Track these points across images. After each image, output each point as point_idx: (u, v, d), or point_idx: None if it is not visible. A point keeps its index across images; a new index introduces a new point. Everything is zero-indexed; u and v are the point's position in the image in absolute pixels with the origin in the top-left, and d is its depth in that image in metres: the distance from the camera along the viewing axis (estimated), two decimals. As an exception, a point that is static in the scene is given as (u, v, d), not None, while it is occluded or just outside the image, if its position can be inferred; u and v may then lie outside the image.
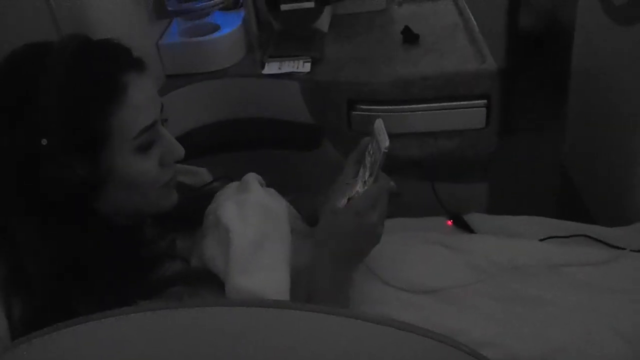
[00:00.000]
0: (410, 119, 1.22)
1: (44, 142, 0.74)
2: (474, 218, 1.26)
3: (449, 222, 1.27)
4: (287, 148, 1.34)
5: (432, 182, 1.29)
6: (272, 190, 1.06)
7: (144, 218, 0.92)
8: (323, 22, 1.48)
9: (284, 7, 1.39)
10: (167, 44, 1.39)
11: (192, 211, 0.96)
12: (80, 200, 0.79)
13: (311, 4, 1.38)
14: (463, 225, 1.25)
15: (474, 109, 1.22)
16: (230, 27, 1.42)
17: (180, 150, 0.87)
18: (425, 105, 1.22)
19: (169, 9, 1.38)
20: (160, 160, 0.85)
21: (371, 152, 0.88)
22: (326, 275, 0.86)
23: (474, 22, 1.38)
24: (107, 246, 0.82)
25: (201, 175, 1.09)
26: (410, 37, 1.37)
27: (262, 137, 1.34)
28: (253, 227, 0.89)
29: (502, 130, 2.12)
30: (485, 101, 1.22)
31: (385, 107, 1.22)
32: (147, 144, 0.82)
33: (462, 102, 1.22)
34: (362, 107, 1.23)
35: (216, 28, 1.43)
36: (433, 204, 1.31)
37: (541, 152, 1.96)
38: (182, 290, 0.83)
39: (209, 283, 0.86)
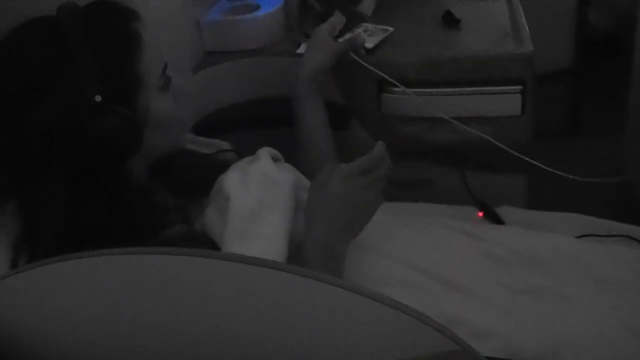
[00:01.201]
0: (440, 102, 1.18)
1: (98, 98, 0.77)
2: (507, 211, 1.21)
3: (480, 214, 1.23)
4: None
5: (462, 170, 1.25)
6: (287, 165, 1.05)
7: (156, 181, 0.94)
8: (366, 6, 1.46)
9: (328, -11, 1.39)
10: (208, 21, 1.41)
11: (205, 179, 0.97)
12: (124, 152, 0.82)
13: (355, -13, 1.37)
14: (493, 217, 1.20)
15: (508, 94, 1.17)
16: (270, 7, 1.42)
17: (183, 83, 0.93)
18: (456, 89, 1.17)
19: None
20: (174, 98, 0.90)
21: None
22: (317, 247, 0.83)
23: (520, 10, 1.32)
24: (123, 207, 0.84)
25: (221, 149, 1.10)
26: (451, 21, 1.33)
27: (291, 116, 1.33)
28: (253, 196, 0.88)
29: (564, 130, 2.05)
30: (520, 87, 1.16)
31: (415, 89, 1.18)
32: (167, 81, 0.88)
33: (495, 87, 1.16)
34: (392, 89, 1.20)
35: (257, 8, 1.44)
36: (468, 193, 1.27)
37: (598, 152, 1.86)
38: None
39: (204, 247, 0.86)
